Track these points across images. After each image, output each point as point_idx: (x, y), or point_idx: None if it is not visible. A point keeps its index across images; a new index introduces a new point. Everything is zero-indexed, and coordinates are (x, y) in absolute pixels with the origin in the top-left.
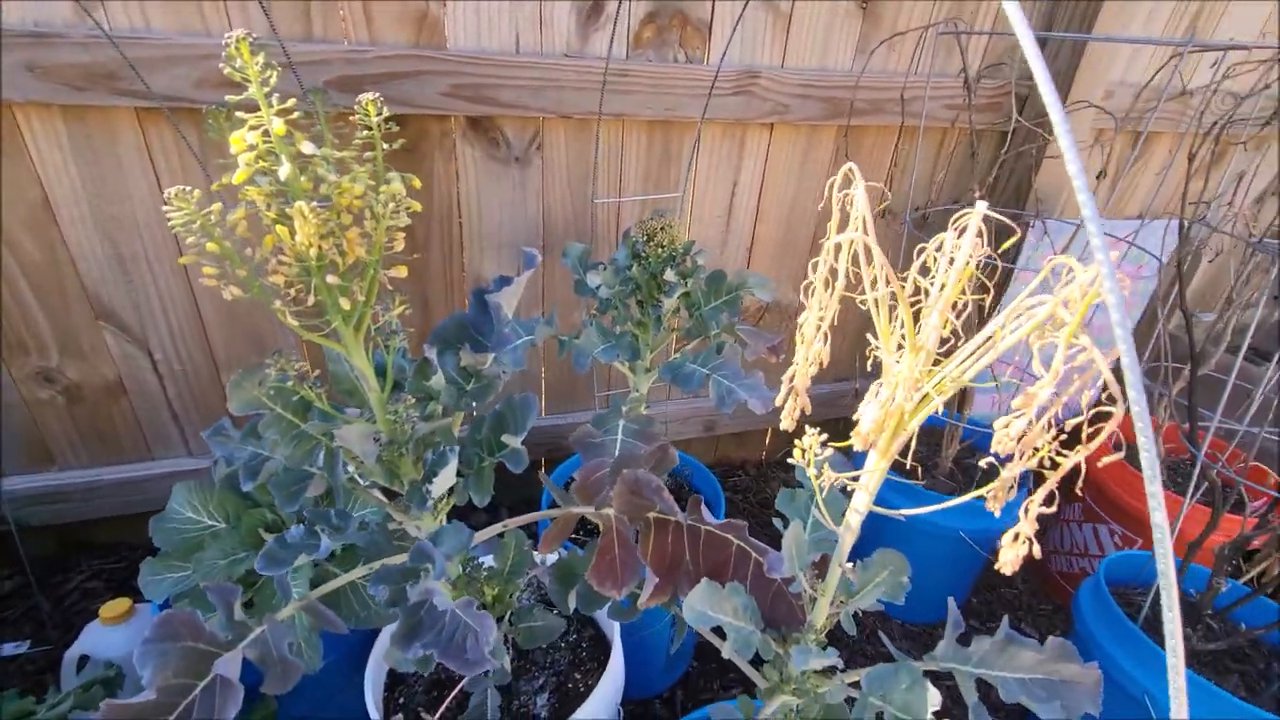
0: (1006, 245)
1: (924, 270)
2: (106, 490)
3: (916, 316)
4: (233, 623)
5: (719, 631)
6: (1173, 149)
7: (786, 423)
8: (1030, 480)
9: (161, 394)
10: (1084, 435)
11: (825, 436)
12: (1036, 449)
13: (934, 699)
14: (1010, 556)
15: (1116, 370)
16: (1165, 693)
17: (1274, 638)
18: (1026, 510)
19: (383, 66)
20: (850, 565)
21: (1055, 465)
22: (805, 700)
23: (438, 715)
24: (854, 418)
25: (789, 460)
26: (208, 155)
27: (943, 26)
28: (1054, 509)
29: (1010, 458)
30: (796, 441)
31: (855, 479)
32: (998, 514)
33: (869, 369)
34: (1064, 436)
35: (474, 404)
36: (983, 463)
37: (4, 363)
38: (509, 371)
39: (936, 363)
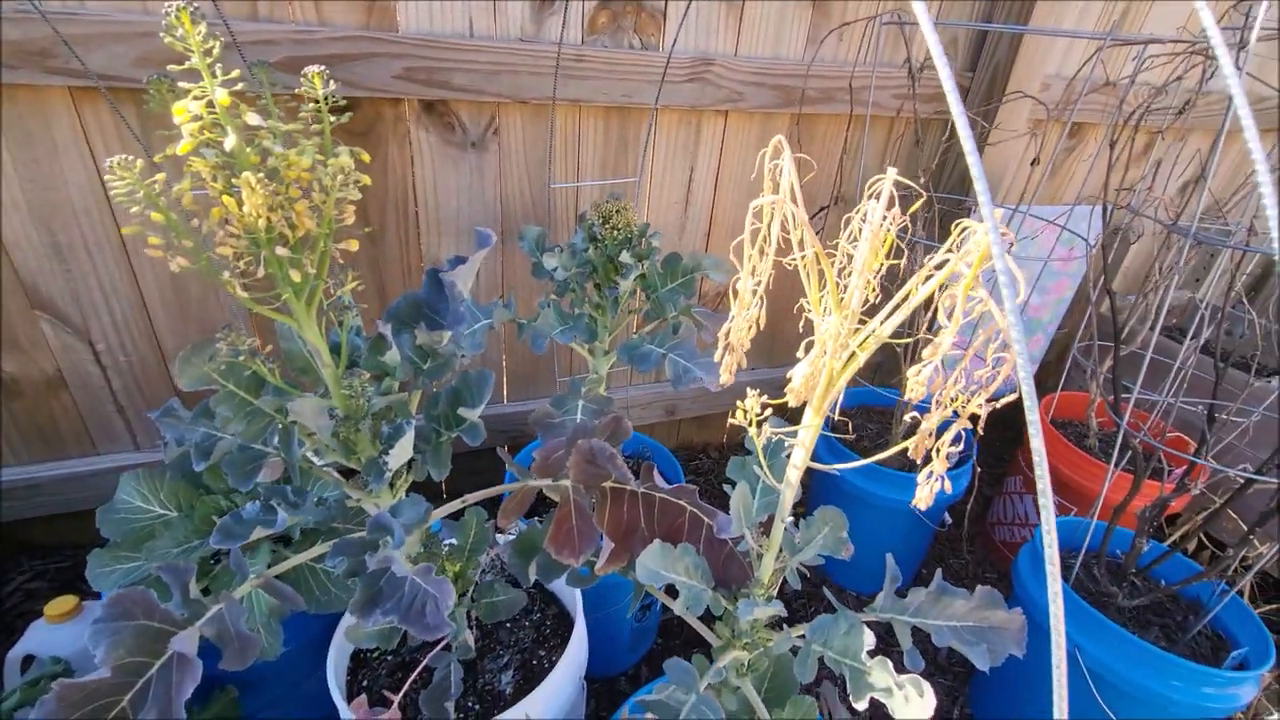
0: (912, 209)
1: (854, 240)
2: (48, 488)
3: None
4: (188, 601)
5: (671, 592)
6: (1101, 139)
7: (725, 378)
8: (974, 446)
9: (105, 386)
10: (985, 378)
11: (765, 397)
12: (953, 399)
13: (869, 640)
14: (924, 493)
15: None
16: (1094, 645)
17: (1190, 592)
18: (938, 450)
19: (332, 48)
20: (792, 520)
21: (974, 418)
22: (755, 654)
23: (401, 694)
24: (787, 376)
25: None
26: (149, 138)
27: (886, 17)
28: (960, 446)
29: (926, 409)
30: (739, 404)
31: (793, 435)
32: (919, 460)
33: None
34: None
35: (430, 382)
36: (906, 417)
37: None
38: (467, 354)
39: (862, 324)
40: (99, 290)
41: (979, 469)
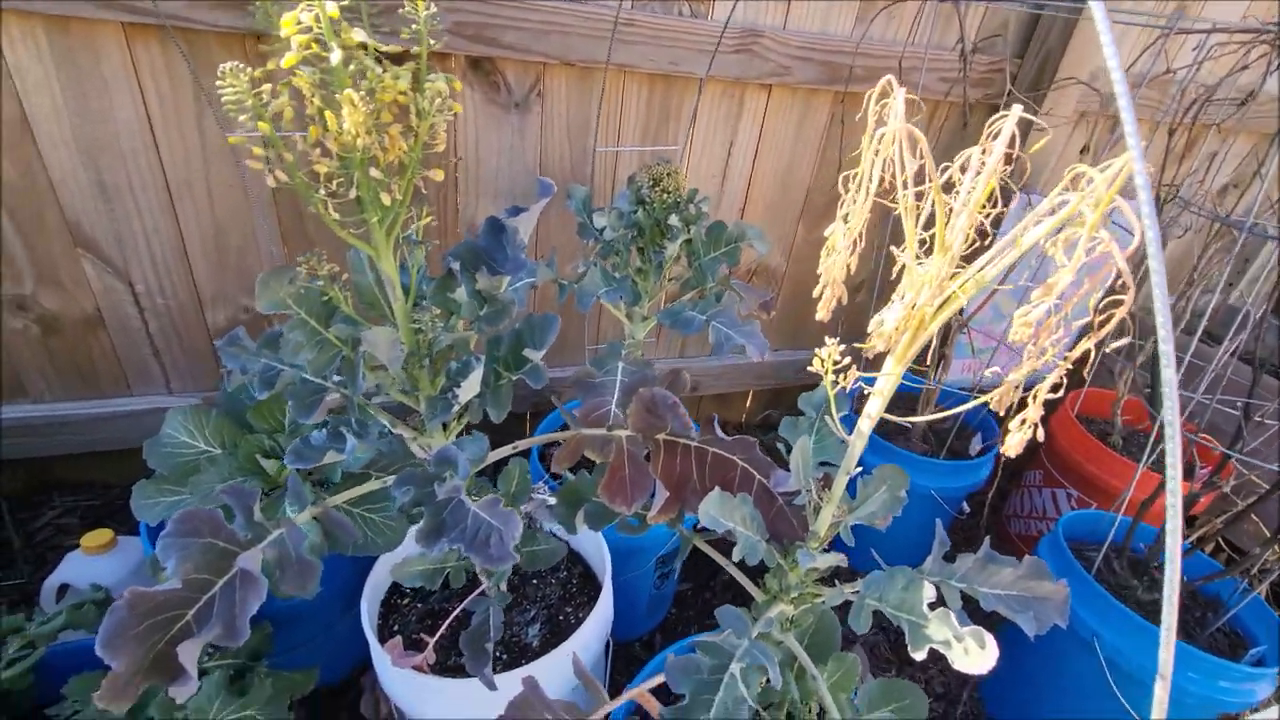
0: (1035, 147)
1: (947, 187)
2: (82, 425)
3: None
4: (252, 523)
5: (721, 548)
6: (1150, 134)
7: (822, 313)
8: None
9: (143, 329)
10: (1094, 323)
11: (844, 346)
12: (1044, 351)
13: (929, 594)
14: (1015, 440)
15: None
16: (1112, 634)
17: (1210, 589)
18: (1035, 396)
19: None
20: (858, 469)
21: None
22: (800, 610)
23: (437, 636)
24: (875, 321)
25: (770, 416)
26: (198, 83)
27: None
28: (1038, 412)
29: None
30: (817, 351)
31: (871, 383)
32: (1001, 413)
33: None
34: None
35: (486, 327)
36: (988, 371)
37: None
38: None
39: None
40: (141, 232)
41: (1003, 458)
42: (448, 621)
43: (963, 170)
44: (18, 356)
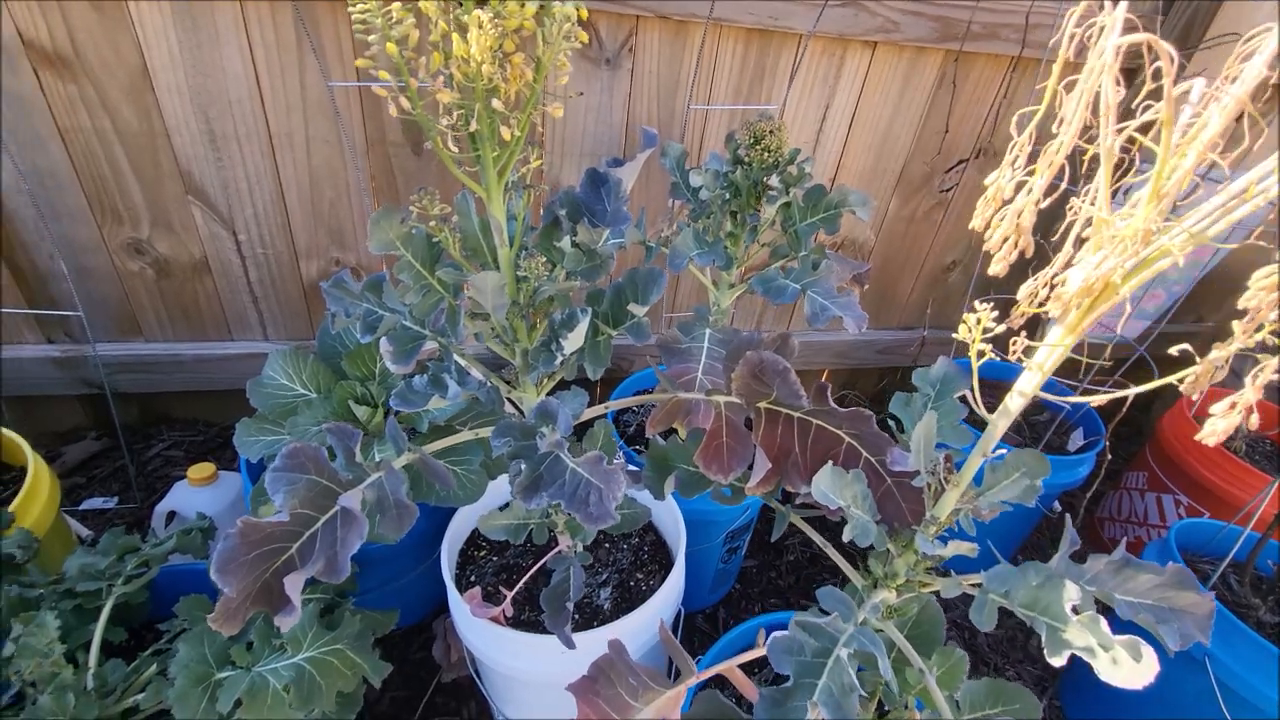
0: None
1: (1141, 131)
2: (189, 365)
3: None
4: (352, 464)
5: (818, 525)
6: None
7: (998, 267)
8: (1103, 428)
9: (243, 276)
10: None
11: (996, 313)
12: (1260, 327)
13: (1071, 594)
14: (1222, 425)
15: None
16: (1229, 655)
17: None
18: (1255, 378)
19: None
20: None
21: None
22: (904, 598)
23: (515, 590)
24: (1024, 290)
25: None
26: (301, 34)
27: None
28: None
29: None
30: (965, 317)
31: (1031, 352)
32: (1195, 397)
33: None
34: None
35: (584, 281)
36: (1174, 350)
37: (99, 229)
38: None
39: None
40: (245, 182)
41: (1110, 455)
42: (525, 577)
43: (1178, 105)
44: (135, 297)
